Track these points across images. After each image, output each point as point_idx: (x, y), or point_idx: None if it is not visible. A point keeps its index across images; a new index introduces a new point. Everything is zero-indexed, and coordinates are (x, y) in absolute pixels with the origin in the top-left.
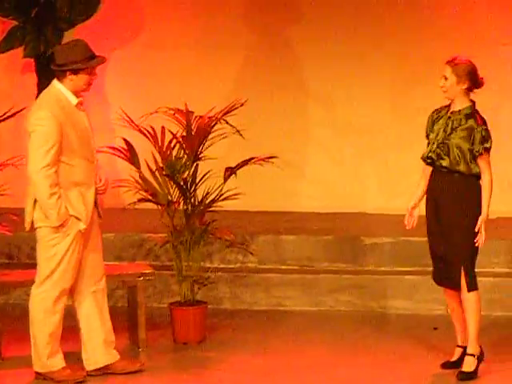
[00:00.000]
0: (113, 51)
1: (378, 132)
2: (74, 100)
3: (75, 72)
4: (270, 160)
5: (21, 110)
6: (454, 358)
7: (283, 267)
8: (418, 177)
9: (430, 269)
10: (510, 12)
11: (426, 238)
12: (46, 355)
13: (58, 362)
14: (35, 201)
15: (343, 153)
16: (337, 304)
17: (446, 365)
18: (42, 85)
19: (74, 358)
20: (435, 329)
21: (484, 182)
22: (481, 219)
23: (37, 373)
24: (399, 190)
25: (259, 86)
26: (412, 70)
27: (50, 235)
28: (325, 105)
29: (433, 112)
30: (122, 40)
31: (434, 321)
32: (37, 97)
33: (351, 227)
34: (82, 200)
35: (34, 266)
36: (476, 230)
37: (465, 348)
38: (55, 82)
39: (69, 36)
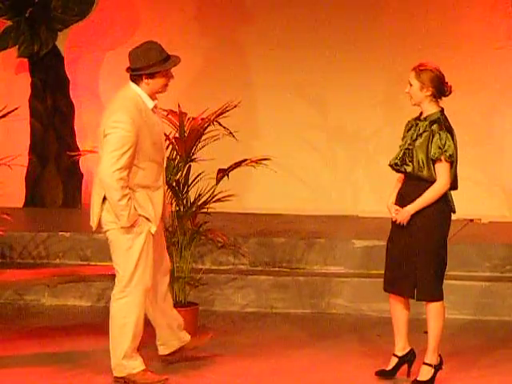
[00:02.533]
0: (106, 52)
1: (370, 135)
2: (150, 104)
3: (151, 76)
4: (263, 162)
5: (14, 110)
6: (389, 367)
7: (275, 269)
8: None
9: None
10: (502, 17)
11: None
12: (126, 358)
13: (138, 365)
14: (103, 200)
15: (336, 156)
16: (328, 307)
17: (381, 373)
18: (36, 84)
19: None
20: (425, 332)
21: (434, 185)
22: (407, 209)
23: (116, 377)
24: None
25: (253, 88)
26: (404, 76)
27: (121, 237)
28: (318, 108)
29: (409, 120)
30: (115, 41)
31: (424, 325)
32: (30, 96)
33: (343, 230)
34: (150, 201)
35: (25, 265)
36: (392, 212)
37: (400, 358)
38: (131, 84)
39: (63, 36)
